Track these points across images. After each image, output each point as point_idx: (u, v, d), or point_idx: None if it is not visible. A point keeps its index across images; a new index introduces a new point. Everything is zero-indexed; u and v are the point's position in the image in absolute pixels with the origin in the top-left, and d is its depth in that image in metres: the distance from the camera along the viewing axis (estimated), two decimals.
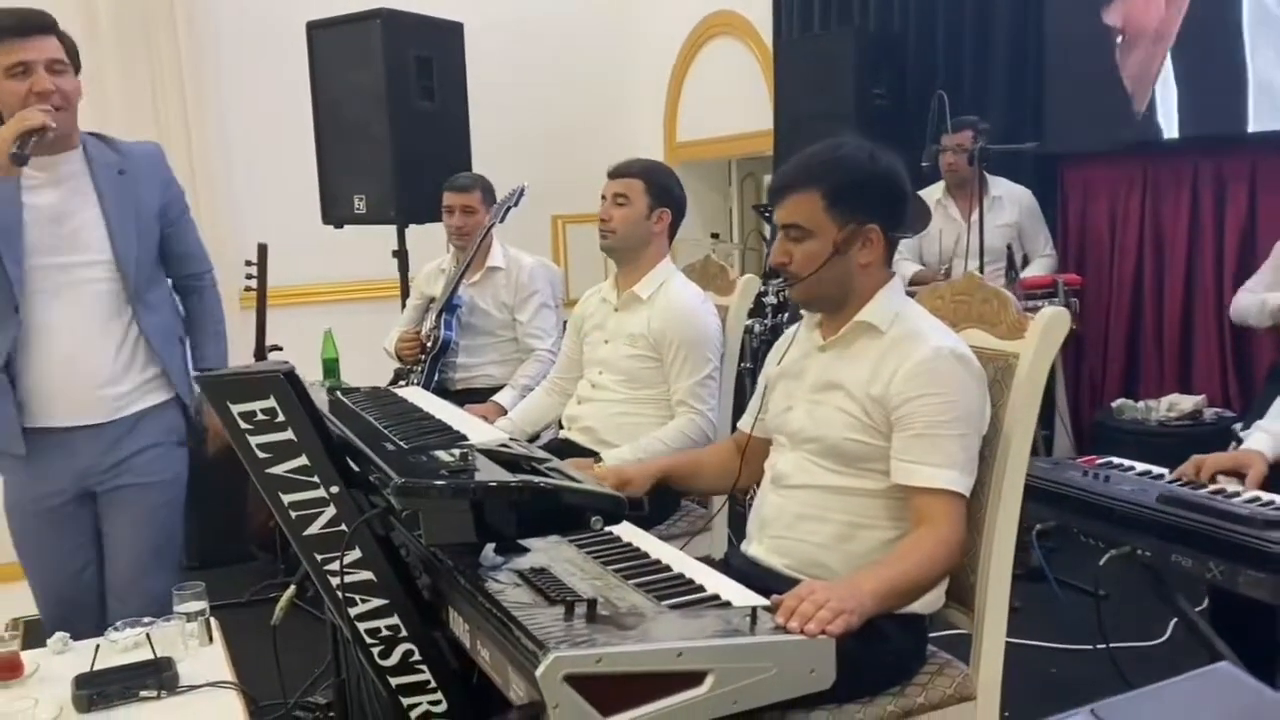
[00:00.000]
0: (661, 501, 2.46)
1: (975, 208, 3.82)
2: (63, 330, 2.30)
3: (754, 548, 1.89)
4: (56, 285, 2.30)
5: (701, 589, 1.53)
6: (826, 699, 1.53)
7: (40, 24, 2.24)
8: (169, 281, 2.57)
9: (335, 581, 1.55)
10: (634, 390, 2.65)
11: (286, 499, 1.56)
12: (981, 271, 3.58)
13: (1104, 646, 2.03)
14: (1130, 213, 4.07)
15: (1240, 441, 2.81)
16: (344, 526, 1.55)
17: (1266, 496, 1.97)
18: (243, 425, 1.53)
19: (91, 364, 2.35)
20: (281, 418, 1.53)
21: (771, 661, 1.32)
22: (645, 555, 1.65)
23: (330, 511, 1.56)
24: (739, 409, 2.23)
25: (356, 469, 1.62)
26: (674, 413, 2.59)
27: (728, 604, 1.48)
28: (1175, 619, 2.91)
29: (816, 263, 1.76)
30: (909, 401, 1.69)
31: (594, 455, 2.54)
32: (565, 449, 2.63)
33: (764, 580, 1.73)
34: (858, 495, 1.77)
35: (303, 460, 1.54)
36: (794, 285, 1.82)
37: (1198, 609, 2.24)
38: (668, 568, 1.60)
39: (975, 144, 3.81)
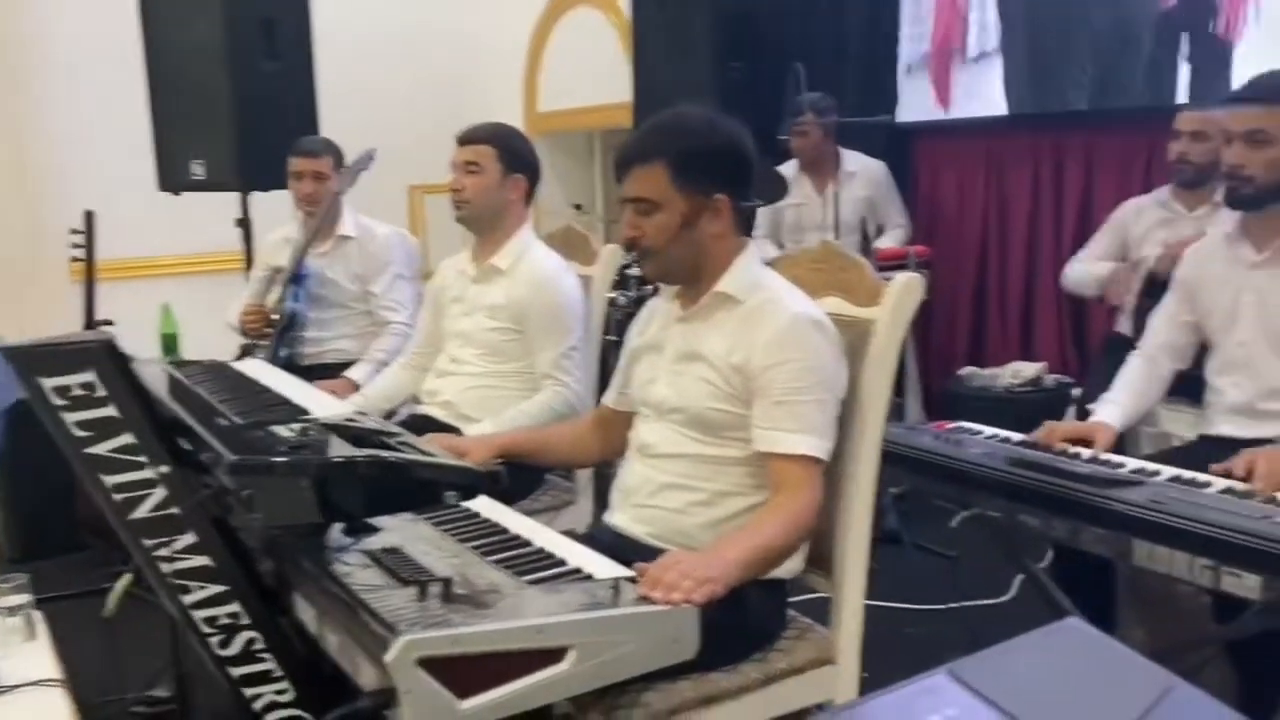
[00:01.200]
0: (525, 476, 2.41)
1: (829, 182, 3.87)
2: None
3: (617, 517, 1.87)
4: None
5: (563, 563, 1.49)
6: (691, 669, 1.51)
7: None
8: None
9: (167, 569, 1.45)
10: (495, 364, 2.58)
11: (109, 481, 1.44)
12: None
13: (956, 605, 2.08)
14: (976, 187, 4.21)
15: (1079, 405, 2.95)
16: (175, 509, 1.44)
17: (1105, 456, 2.06)
18: (55, 401, 1.40)
19: None
20: (102, 392, 1.41)
21: (634, 634, 1.30)
22: (505, 530, 1.61)
23: (160, 493, 1.45)
24: (604, 382, 2.20)
25: (190, 447, 1.51)
26: (538, 386, 2.53)
27: (590, 577, 1.45)
28: (1020, 576, 3.04)
29: (667, 235, 1.75)
30: (768, 370, 1.69)
31: (454, 430, 2.47)
32: (424, 425, 2.54)
33: (627, 550, 1.71)
34: (723, 464, 1.76)
35: (128, 438, 1.43)
36: (646, 259, 1.80)
37: (1040, 565, 2.33)
38: (528, 542, 1.55)
39: (829, 118, 3.85)
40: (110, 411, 1.41)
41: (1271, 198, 2.13)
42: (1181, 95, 3.44)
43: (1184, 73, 3.45)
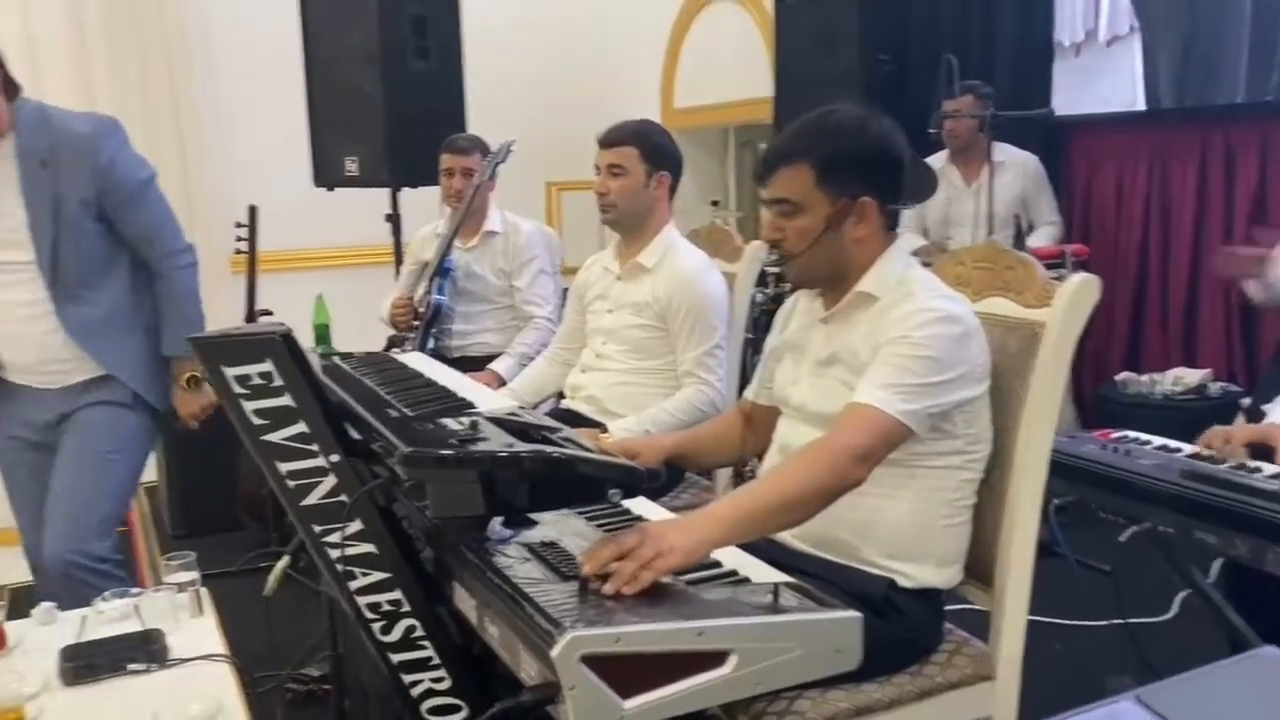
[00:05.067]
0: (666, 474, 2.40)
1: (981, 174, 3.74)
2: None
3: None
4: None
5: (718, 564, 1.48)
6: (844, 679, 1.48)
7: None
8: (128, 264, 2.52)
9: (335, 554, 1.49)
10: (639, 360, 2.59)
11: (284, 468, 1.49)
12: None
13: (1120, 623, 1.98)
14: (1137, 182, 4.01)
15: (1248, 414, 2.76)
16: (344, 497, 1.48)
17: None
18: (237, 390, 1.45)
19: (27, 345, 2.44)
20: (279, 382, 1.45)
21: (797, 642, 1.27)
22: None
23: (330, 481, 1.49)
24: (744, 380, 2.17)
25: (357, 437, 1.55)
26: (681, 383, 2.52)
27: (746, 580, 1.43)
28: (1182, 594, 2.88)
29: (809, 239, 1.69)
30: (880, 348, 1.62)
31: (598, 425, 2.48)
32: (568, 419, 2.57)
33: (773, 554, 1.67)
34: None
35: (301, 427, 1.47)
36: (788, 263, 1.75)
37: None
38: None
39: (986, 110, 3.73)
40: (286, 401, 1.46)
41: None
42: None
43: None
